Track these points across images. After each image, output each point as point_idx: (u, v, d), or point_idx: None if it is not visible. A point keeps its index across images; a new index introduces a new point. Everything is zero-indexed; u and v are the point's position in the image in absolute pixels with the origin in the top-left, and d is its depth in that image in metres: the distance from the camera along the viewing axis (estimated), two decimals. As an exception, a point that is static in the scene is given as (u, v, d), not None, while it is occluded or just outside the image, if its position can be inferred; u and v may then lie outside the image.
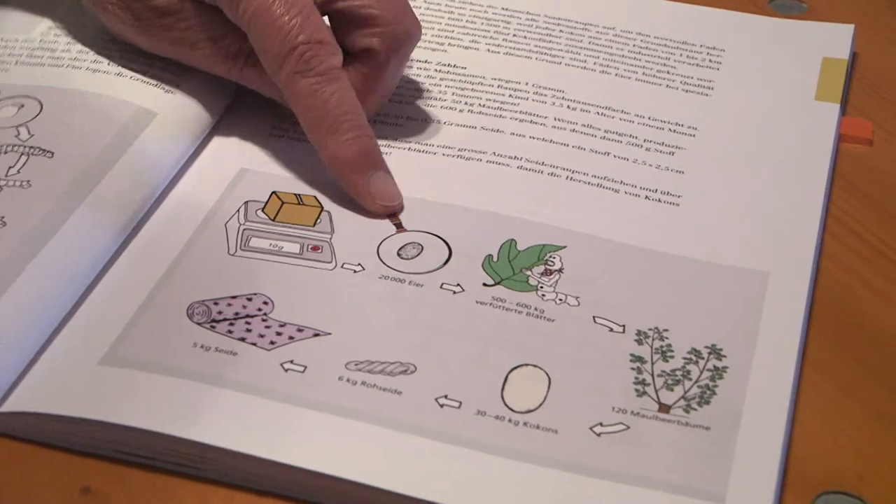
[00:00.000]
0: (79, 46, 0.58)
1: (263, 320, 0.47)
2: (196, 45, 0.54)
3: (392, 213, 0.52)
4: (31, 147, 0.51)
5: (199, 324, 0.47)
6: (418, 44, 0.62)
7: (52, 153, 0.51)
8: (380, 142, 0.56)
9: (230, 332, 0.46)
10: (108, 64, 0.57)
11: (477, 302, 0.48)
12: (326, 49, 0.52)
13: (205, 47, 0.54)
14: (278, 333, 0.47)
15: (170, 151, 0.53)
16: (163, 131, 0.54)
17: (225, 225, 0.51)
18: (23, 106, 0.54)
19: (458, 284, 0.49)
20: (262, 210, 0.52)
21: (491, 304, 0.48)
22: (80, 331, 0.46)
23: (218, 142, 0.56)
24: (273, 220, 0.52)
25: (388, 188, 0.52)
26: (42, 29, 0.59)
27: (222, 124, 0.57)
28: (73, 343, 0.46)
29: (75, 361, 0.45)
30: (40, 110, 0.54)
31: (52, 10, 0.60)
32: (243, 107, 0.58)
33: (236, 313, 0.47)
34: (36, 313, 0.46)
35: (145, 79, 0.56)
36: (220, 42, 0.54)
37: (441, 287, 0.49)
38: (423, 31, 0.63)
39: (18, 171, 0.51)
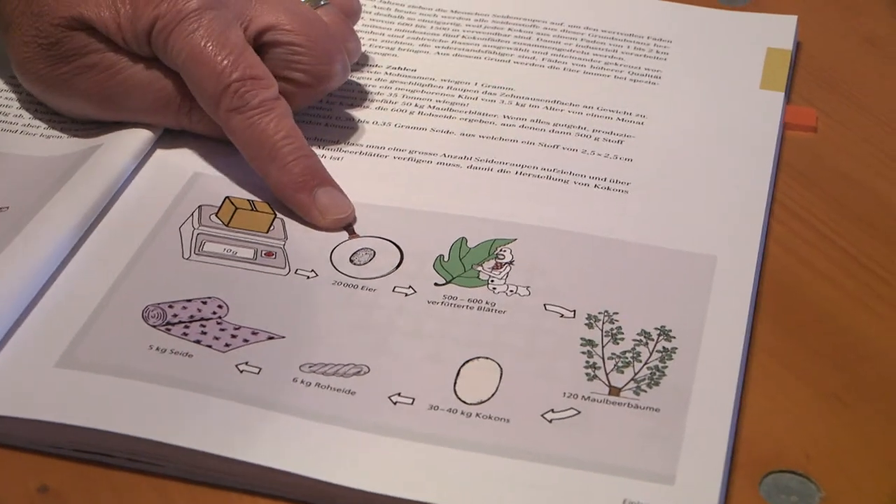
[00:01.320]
0: (30, 114, 0.58)
1: (218, 323, 0.48)
2: (137, 97, 0.54)
3: (346, 226, 0.52)
4: None
5: (154, 326, 0.47)
6: (368, 48, 0.63)
7: (8, 207, 0.52)
8: (331, 146, 0.57)
9: (185, 334, 0.47)
10: (62, 129, 0.57)
11: (428, 302, 0.49)
12: (260, 84, 0.52)
13: (146, 98, 0.54)
14: (233, 336, 0.47)
15: (119, 161, 0.54)
16: (109, 152, 0.54)
17: (179, 229, 0.52)
18: None
19: (410, 287, 0.49)
20: (216, 215, 0.53)
21: (442, 302, 0.49)
22: (35, 333, 0.47)
23: (170, 145, 0.56)
24: (227, 226, 0.52)
25: (336, 201, 0.52)
26: None
27: (171, 130, 0.57)
28: (28, 345, 0.46)
29: (31, 364, 0.46)
30: None
31: (2, 72, 0.60)
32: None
33: (191, 316, 0.48)
34: None
35: (96, 128, 0.56)
36: (162, 91, 0.54)
37: (393, 290, 0.49)
38: (374, 36, 0.64)
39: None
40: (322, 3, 0.57)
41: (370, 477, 0.42)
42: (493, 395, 0.45)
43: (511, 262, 0.50)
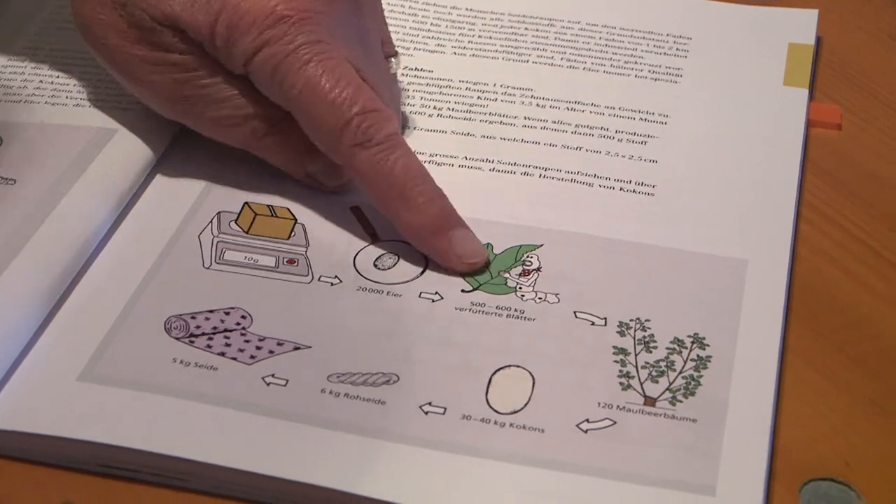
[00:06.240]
0: (35, 83, 0.57)
1: (242, 334, 0.47)
2: (211, 108, 0.52)
3: (370, 230, 0.51)
4: None
5: (177, 338, 0.46)
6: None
7: (15, 180, 0.51)
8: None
9: (209, 346, 0.46)
10: (66, 97, 0.56)
11: (456, 308, 0.48)
12: (381, 116, 0.50)
13: (221, 112, 0.52)
14: (258, 347, 0.46)
15: (133, 162, 0.53)
16: (124, 145, 0.54)
17: (198, 237, 0.51)
18: None
19: (437, 293, 0.49)
20: (235, 222, 0.52)
21: (470, 309, 0.48)
22: (55, 346, 0.46)
23: (186, 149, 0.55)
24: (247, 233, 0.51)
25: (471, 246, 0.50)
26: None
27: (189, 131, 0.56)
28: (49, 358, 0.46)
29: (53, 378, 0.45)
30: (0, 144, 0.53)
31: (8, 49, 0.60)
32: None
33: (214, 327, 0.47)
34: (5, 328, 0.45)
35: (104, 106, 0.56)
36: (239, 109, 0.52)
37: (419, 296, 0.48)
38: (389, 34, 0.63)
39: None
40: (392, 61, 0.56)
41: (403, 489, 0.41)
42: (526, 404, 0.44)
43: (538, 269, 0.49)
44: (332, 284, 0.49)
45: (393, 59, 0.56)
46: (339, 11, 0.51)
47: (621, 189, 0.53)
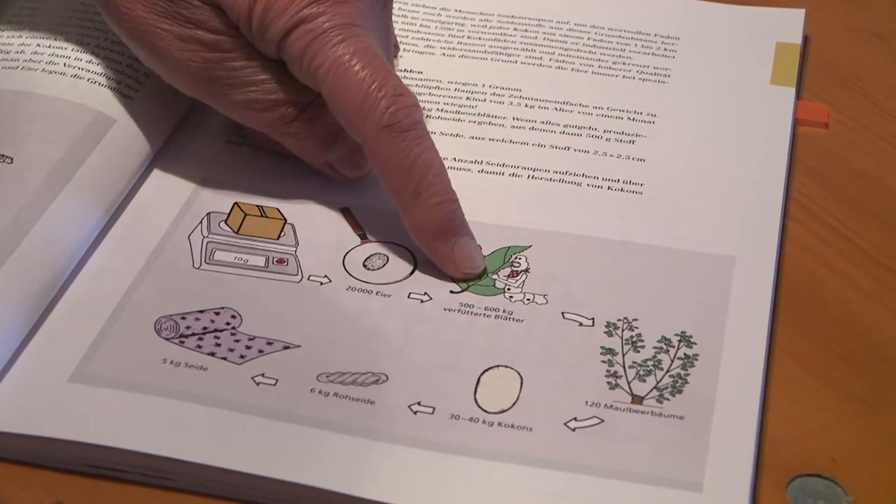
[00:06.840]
0: (33, 48, 0.56)
1: (232, 334, 0.47)
2: (241, 91, 0.51)
3: (360, 231, 0.52)
4: None
5: (167, 339, 0.47)
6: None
7: (12, 159, 0.50)
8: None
9: (199, 346, 0.46)
10: (64, 65, 0.55)
11: (445, 309, 0.48)
12: (409, 101, 0.49)
13: (250, 95, 0.51)
14: (248, 347, 0.46)
15: (130, 159, 0.53)
16: (122, 139, 0.53)
17: (188, 237, 0.51)
18: None
19: (426, 293, 0.49)
20: (225, 222, 0.52)
21: (459, 310, 0.48)
22: (46, 347, 0.46)
23: (176, 150, 0.55)
24: (236, 233, 0.51)
25: (471, 254, 0.50)
26: None
27: (180, 131, 0.56)
28: (40, 360, 0.46)
29: (44, 379, 0.45)
30: None
31: (4, 12, 0.58)
32: (200, 113, 0.57)
33: (205, 328, 0.47)
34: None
35: (103, 81, 0.55)
36: (270, 93, 0.51)
37: (409, 297, 0.49)
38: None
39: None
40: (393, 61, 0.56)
41: (392, 488, 0.42)
42: (514, 403, 0.44)
43: (527, 270, 0.50)
44: (321, 284, 0.49)
45: (394, 60, 0.57)
46: (371, 1, 0.51)
47: (609, 188, 0.54)
